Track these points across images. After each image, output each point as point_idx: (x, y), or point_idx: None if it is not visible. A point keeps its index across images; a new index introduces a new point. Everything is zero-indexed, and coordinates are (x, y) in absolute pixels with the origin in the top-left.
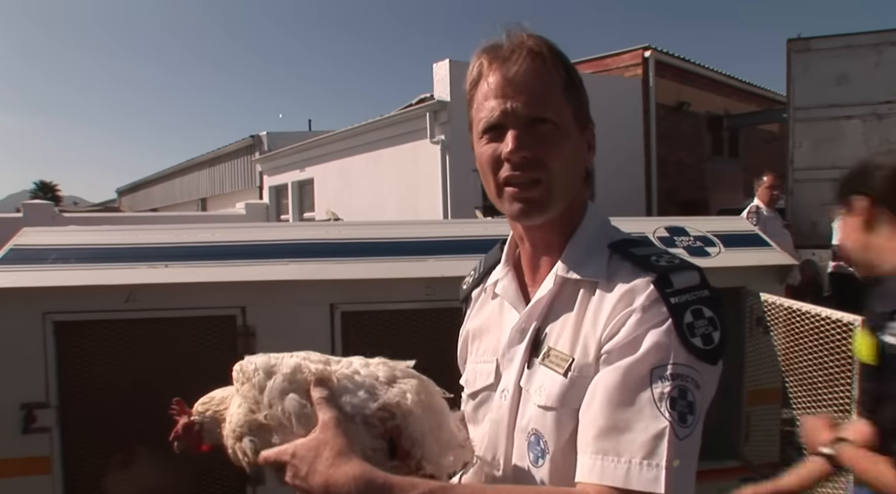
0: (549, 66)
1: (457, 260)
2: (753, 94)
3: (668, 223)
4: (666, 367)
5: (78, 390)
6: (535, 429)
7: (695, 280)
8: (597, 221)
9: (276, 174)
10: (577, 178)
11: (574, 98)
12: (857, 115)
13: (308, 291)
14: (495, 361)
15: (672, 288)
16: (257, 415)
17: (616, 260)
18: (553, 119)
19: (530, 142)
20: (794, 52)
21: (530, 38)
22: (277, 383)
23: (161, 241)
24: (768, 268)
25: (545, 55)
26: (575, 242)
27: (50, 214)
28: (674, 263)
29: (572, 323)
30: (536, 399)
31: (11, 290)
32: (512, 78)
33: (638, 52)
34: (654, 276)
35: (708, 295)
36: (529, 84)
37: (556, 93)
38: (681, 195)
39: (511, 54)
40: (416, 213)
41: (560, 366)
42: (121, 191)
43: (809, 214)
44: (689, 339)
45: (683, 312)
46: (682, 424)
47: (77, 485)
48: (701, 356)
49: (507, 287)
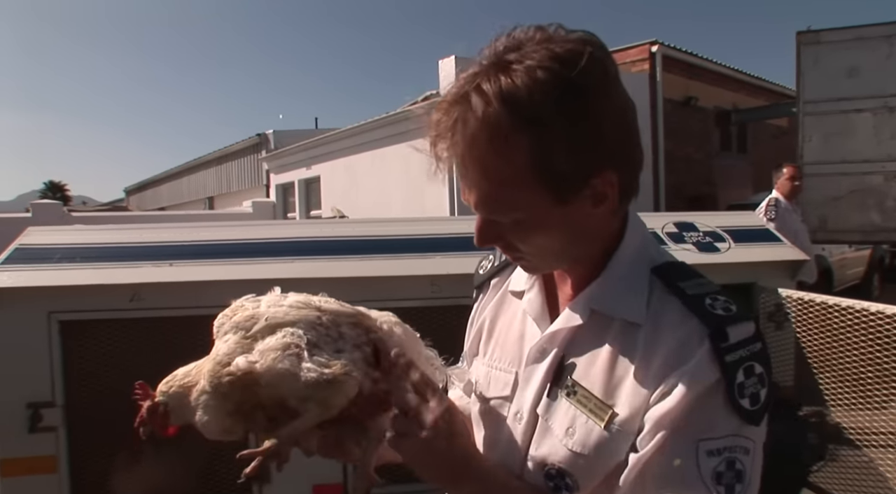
0: (501, 141)
1: (463, 258)
2: (762, 89)
3: (677, 218)
4: (712, 441)
5: (84, 389)
6: (560, 467)
7: (750, 331)
8: (636, 240)
9: (282, 172)
10: (577, 240)
11: (557, 171)
12: (868, 108)
13: (313, 289)
14: (514, 373)
15: (727, 343)
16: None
17: (660, 291)
18: (508, 219)
19: (497, 235)
20: (803, 44)
21: (484, 85)
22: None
23: (166, 240)
24: (779, 264)
25: (497, 120)
26: (610, 270)
27: (59, 214)
28: (731, 311)
29: (606, 365)
30: (565, 440)
31: (17, 290)
32: (458, 166)
33: (645, 47)
34: (711, 330)
35: (760, 350)
36: (475, 178)
37: (515, 183)
38: (689, 190)
39: (453, 125)
40: (422, 211)
41: (597, 415)
42: (129, 190)
43: (819, 209)
44: (738, 401)
45: (736, 371)
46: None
47: (83, 484)
48: (746, 418)
49: (534, 301)
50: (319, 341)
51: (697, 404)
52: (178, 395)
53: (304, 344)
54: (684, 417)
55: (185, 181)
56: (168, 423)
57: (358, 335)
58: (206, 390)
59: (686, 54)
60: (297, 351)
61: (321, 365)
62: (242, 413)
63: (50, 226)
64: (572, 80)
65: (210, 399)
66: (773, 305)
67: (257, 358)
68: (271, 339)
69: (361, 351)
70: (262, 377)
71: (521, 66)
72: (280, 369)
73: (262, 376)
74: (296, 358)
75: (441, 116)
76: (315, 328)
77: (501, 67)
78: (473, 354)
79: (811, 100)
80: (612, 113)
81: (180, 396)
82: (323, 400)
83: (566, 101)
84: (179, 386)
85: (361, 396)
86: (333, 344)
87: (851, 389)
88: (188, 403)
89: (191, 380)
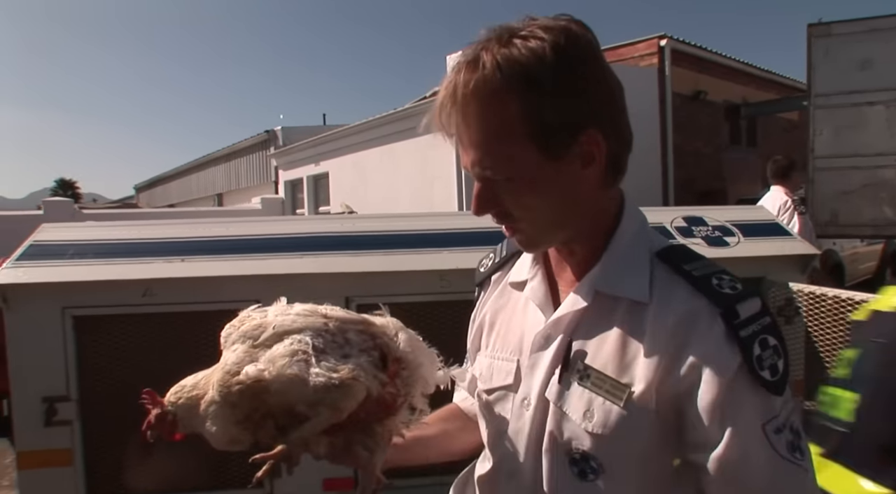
0: (489, 108)
1: (472, 252)
2: (772, 82)
3: (686, 213)
4: (774, 420)
5: (98, 383)
6: (584, 451)
7: (757, 306)
8: (633, 226)
9: (291, 168)
10: (568, 208)
11: (537, 127)
12: (881, 101)
13: (323, 284)
14: (516, 361)
15: (739, 320)
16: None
17: (665, 273)
18: (504, 174)
19: (493, 198)
20: (814, 37)
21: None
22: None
23: (177, 236)
24: (789, 258)
25: (493, 80)
26: (610, 253)
27: (70, 211)
28: (737, 289)
29: (616, 345)
30: (584, 424)
31: (32, 286)
32: (459, 125)
33: (653, 41)
34: (722, 309)
35: (770, 323)
36: (473, 136)
37: (504, 140)
38: (698, 185)
39: (455, 91)
40: (430, 206)
41: (614, 395)
42: (138, 187)
43: (830, 203)
44: (759, 373)
45: (752, 345)
46: (801, 457)
47: (98, 477)
48: (770, 389)
49: (537, 288)
50: (327, 347)
51: (739, 391)
52: (186, 406)
53: (311, 349)
54: (734, 408)
55: (194, 178)
56: (175, 431)
57: (364, 340)
58: (215, 400)
59: (695, 48)
60: (305, 357)
61: (329, 369)
62: (252, 421)
63: (63, 223)
64: (563, 48)
65: (219, 408)
66: (784, 299)
67: (266, 366)
68: (279, 347)
69: (368, 355)
70: (272, 384)
71: (518, 38)
72: (289, 374)
73: (271, 383)
74: (304, 364)
75: (445, 84)
76: (322, 334)
77: (500, 40)
78: (476, 350)
79: (822, 94)
80: (597, 79)
81: (189, 407)
82: (332, 404)
83: (556, 64)
84: (188, 397)
85: (370, 399)
86: (340, 350)
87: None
88: (197, 413)
89: (199, 391)
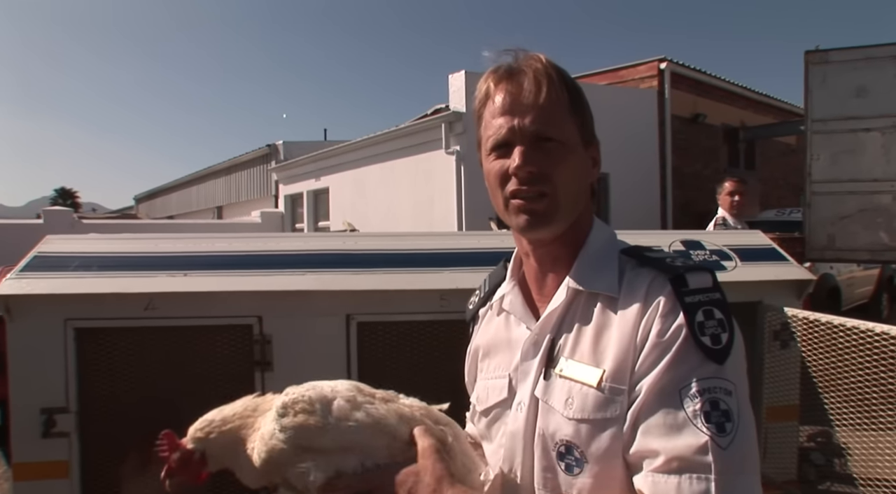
0: (554, 86)
1: (471, 273)
2: (770, 106)
3: (685, 237)
4: (691, 386)
5: (97, 396)
6: (566, 441)
7: (707, 281)
8: (604, 235)
9: (291, 183)
10: (582, 193)
11: (579, 116)
12: (877, 127)
13: (324, 301)
14: (507, 377)
15: (687, 288)
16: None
17: (631, 266)
18: (558, 137)
19: (536, 158)
20: (811, 64)
21: (536, 60)
22: (343, 404)
23: (180, 250)
24: (785, 283)
25: (551, 75)
26: (584, 256)
27: (69, 221)
28: (688, 264)
29: (592, 335)
30: (565, 411)
31: (35, 297)
32: (518, 97)
33: (653, 64)
34: (672, 275)
35: (719, 299)
36: (535, 103)
37: (561, 112)
38: (697, 207)
39: (517, 74)
40: (430, 224)
41: (589, 379)
42: (138, 198)
43: (827, 227)
44: (699, 337)
45: (696, 311)
46: (721, 434)
47: (95, 489)
48: (708, 355)
49: (514, 301)
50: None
51: (678, 349)
52: (219, 442)
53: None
54: (660, 369)
55: (194, 190)
56: (203, 470)
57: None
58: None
59: (694, 71)
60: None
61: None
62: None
63: (67, 235)
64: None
65: (265, 464)
66: (779, 324)
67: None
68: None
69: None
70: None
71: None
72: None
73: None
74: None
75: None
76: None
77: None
78: (473, 380)
79: (819, 119)
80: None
81: (222, 443)
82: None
83: (576, 88)
84: (220, 432)
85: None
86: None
87: (857, 409)
88: (234, 449)
89: (233, 425)
